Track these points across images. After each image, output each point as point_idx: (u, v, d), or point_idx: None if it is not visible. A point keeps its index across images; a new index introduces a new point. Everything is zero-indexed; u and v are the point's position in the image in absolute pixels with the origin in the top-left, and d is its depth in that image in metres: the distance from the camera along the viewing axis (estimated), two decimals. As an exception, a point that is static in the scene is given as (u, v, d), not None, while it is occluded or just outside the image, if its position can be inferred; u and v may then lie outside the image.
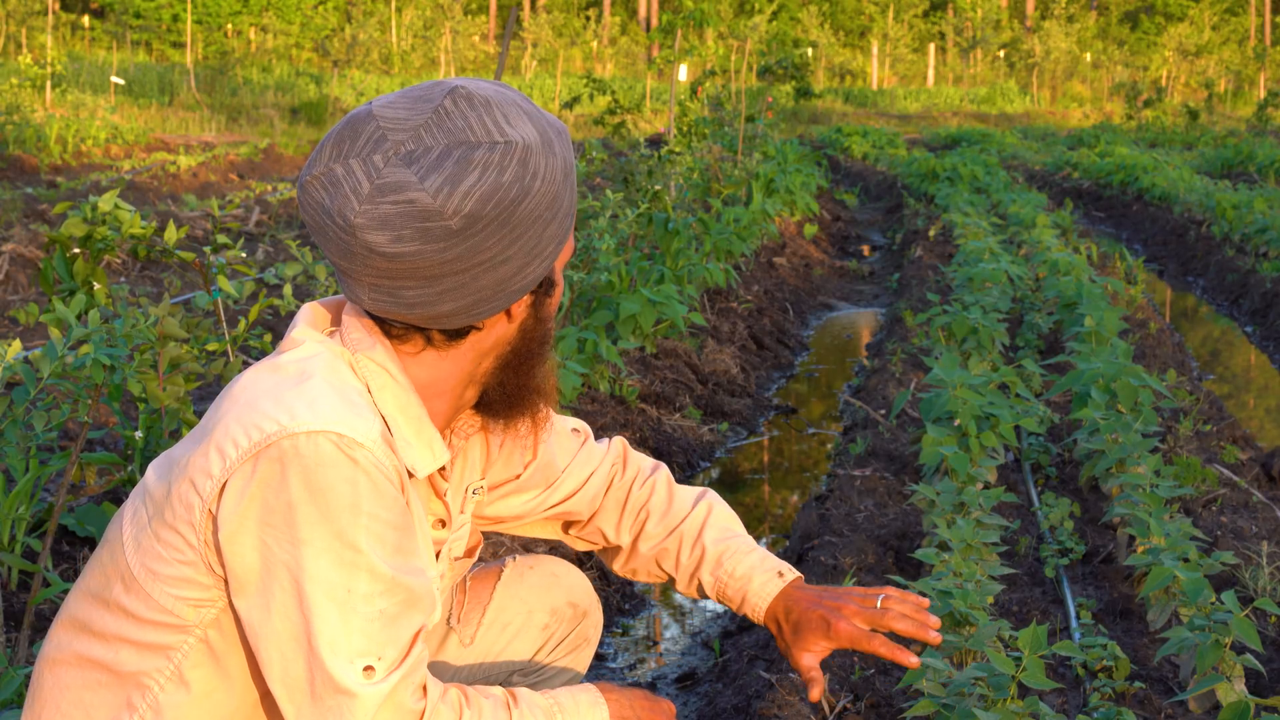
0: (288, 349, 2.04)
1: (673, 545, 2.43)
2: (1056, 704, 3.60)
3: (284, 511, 1.90)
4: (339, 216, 1.92)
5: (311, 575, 1.89)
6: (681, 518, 2.44)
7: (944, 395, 5.46)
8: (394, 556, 1.94)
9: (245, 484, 1.91)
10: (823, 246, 13.11)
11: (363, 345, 2.04)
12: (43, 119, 17.81)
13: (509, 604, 2.48)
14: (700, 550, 2.41)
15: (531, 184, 1.93)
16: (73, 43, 40.08)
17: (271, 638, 1.92)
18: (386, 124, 1.93)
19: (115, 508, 4.36)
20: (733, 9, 45.38)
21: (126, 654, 2.03)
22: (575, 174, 2.05)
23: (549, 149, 1.97)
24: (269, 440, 1.91)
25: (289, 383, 1.96)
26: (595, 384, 6.48)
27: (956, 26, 49.63)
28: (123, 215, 5.20)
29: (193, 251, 6.89)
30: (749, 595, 2.37)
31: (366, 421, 1.94)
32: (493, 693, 2.05)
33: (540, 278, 2.02)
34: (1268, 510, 5.10)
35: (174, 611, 2.00)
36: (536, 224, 1.96)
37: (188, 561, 1.98)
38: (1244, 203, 12.56)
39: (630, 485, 2.46)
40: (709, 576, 2.41)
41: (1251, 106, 34.34)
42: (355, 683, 1.89)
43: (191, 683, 2.02)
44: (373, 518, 1.92)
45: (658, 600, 4.84)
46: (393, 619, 1.93)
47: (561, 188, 1.98)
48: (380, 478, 1.93)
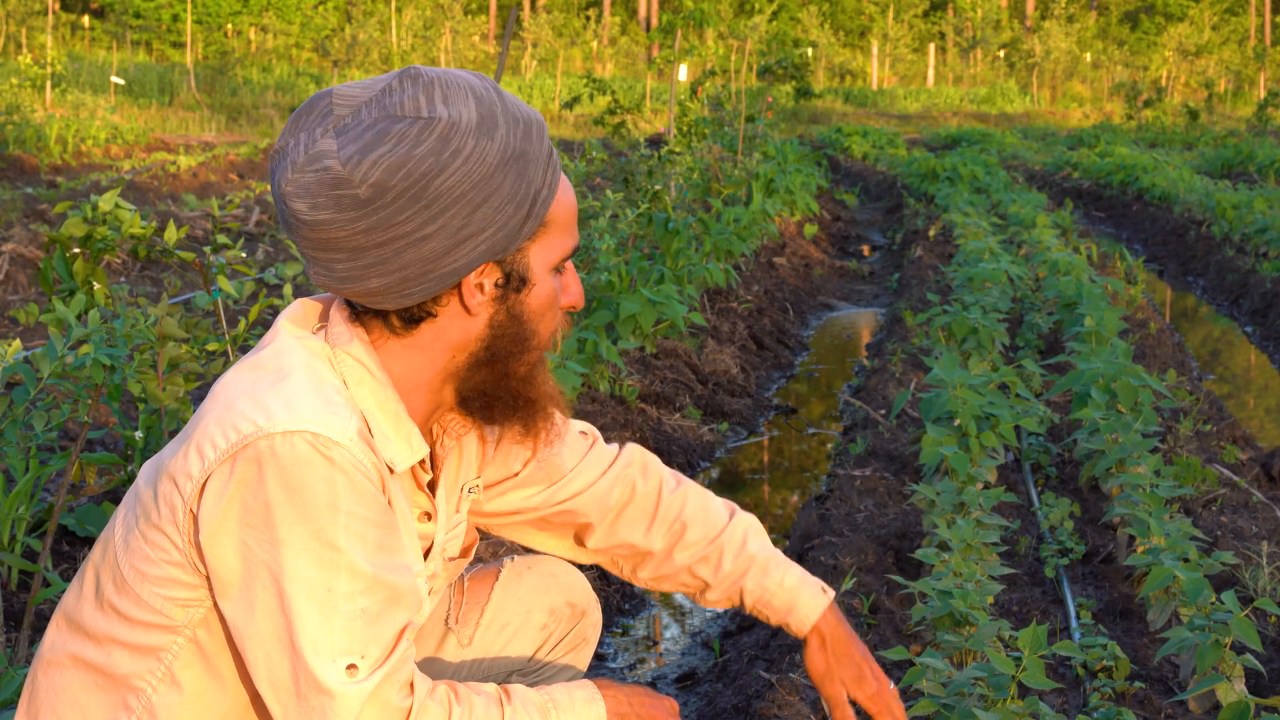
0: (267, 344, 2.04)
1: (714, 554, 2.43)
2: (1056, 704, 3.60)
3: (262, 512, 1.91)
4: (276, 187, 1.98)
5: (291, 575, 1.90)
6: (720, 528, 2.44)
7: (944, 395, 5.46)
8: (375, 554, 1.94)
9: (224, 485, 1.92)
10: (823, 246, 13.11)
11: (341, 340, 2.05)
12: (43, 119, 17.82)
13: (507, 604, 2.48)
14: (747, 560, 2.41)
15: (450, 161, 1.93)
16: (73, 43, 40.08)
17: (255, 638, 1.93)
18: (337, 100, 1.98)
19: (115, 508, 4.35)
20: (733, 9, 45.37)
21: (119, 655, 2.03)
22: (535, 166, 2.00)
23: (486, 132, 1.96)
24: (246, 441, 1.91)
25: (266, 382, 1.97)
26: (595, 384, 6.48)
27: (956, 26, 49.63)
28: (123, 215, 5.20)
29: (193, 251, 6.89)
30: (798, 606, 2.39)
31: (343, 419, 1.95)
32: (485, 689, 2.04)
33: (476, 263, 1.99)
34: (1268, 510, 5.10)
35: (163, 612, 2.00)
36: (460, 204, 1.95)
37: (174, 562, 1.99)
38: (1244, 203, 12.56)
39: (659, 493, 2.44)
40: (753, 584, 2.41)
41: (1251, 106, 34.35)
42: (338, 681, 1.89)
43: (183, 683, 2.02)
44: (351, 515, 1.92)
45: (658, 600, 4.84)
46: (375, 617, 1.92)
47: (497, 172, 1.96)
48: (358, 476, 1.93)
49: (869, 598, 4.16)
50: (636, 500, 2.43)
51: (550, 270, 2.07)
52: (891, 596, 4.22)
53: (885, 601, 4.19)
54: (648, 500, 2.44)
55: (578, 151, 17.74)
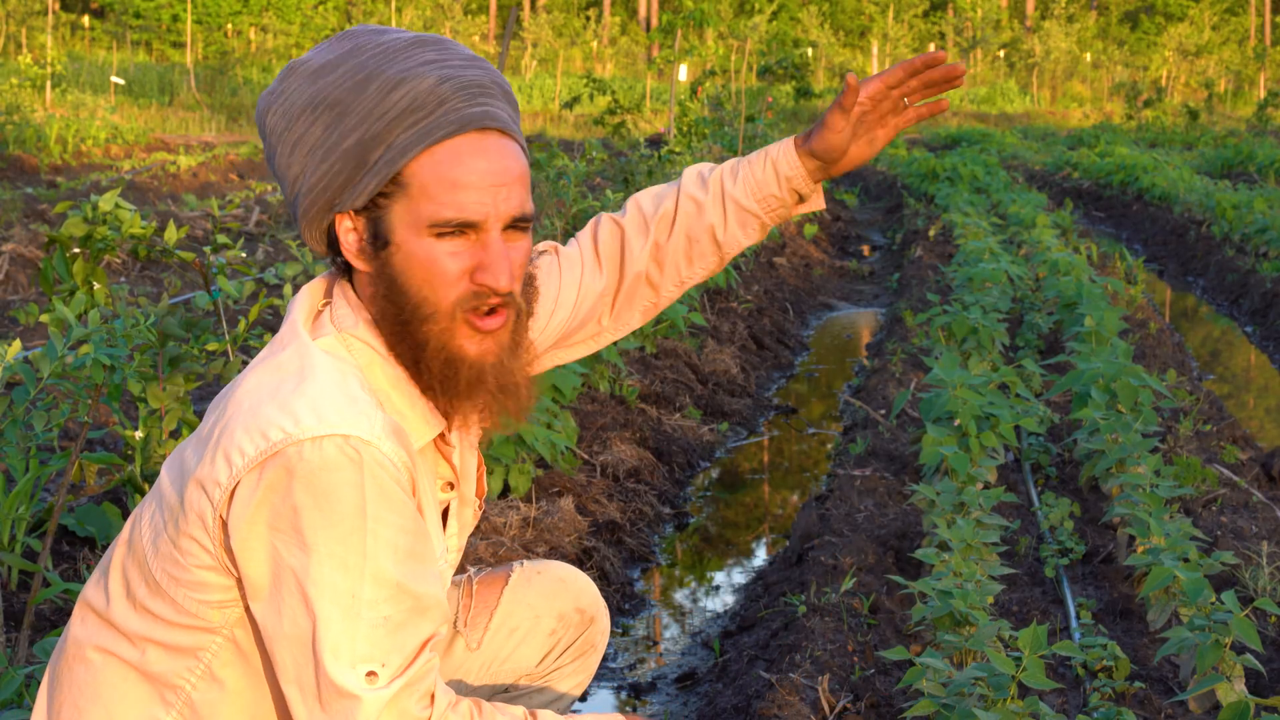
0: (286, 344, 2.04)
1: (690, 207, 2.40)
2: (1056, 704, 3.60)
3: (291, 518, 1.91)
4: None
5: (317, 580, 1.90)
6: (675, 190, 2.42)
7: (944, 395, 5.46)
8: (403, 562, 1.94)
9: (253, 491, 1.92)
10: (823, 246, 13.11)
11: (347, 323, 2.06)
12: (43, 119, 17.81)
13: (516, 609, 2.48)
14: (718, 182, 2.39)
15: (274, 100, 2.05)
16: (73, 43, 40.08)
17: (282, 641, 1.93)
18: None
19: (115, 508, 4.36)
20: (733, 9, 45.36)
21: (154, 654, 2.04)
22: (365, 120, 2.00)
23: (310, 76, 2.03)
24: (275, 448, 1.91)
25: (290, 383, 1.97)
26: (595, 384, 6.48)
27: (956, 26, 49.61)
28: (123, 215, 5.19)
29: (193, 251, 6.89)
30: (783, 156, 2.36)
31: (369, 417, 1.95)
32: (511, 710, 2.03)
33: (322, 206, 2.04)
34: (1268, 510, 5.10)
35: (198, 615, 2.01)
36: (283, 142, 2.04)
37: (206, 566, 1.99)
38: (1244, 203, 12.56)
39: (615, 224, 2.43)
40: (738, 187, 2.38)
41: (1251, 106, 34.34)
42: (357, 687, 1.89)
43: (224, 680, 2.04)
44: (379, 522, 1.92)
45: (658, 600, 4.84)
46: (398, 626, 1.92)
47: (304, 115, 2.02)
48: (387, 480, 1.93)
49: (869, 597, 4.16)
50: (604, 244, 2.42)
51: (422, 234, 2.01)
52: (891, 596, 4.22)
53: (885, 601, 4.19)
54: (612, 239, 2.42)
55: (578, 151, 17.73)
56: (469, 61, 2.05)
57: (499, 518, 4.82)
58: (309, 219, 2.07)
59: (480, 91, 2.03)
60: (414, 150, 1.99)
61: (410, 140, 1.99)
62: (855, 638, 3.93)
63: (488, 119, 2.02)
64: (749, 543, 5.50)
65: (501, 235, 2.04)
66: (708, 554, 5.33)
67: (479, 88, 2.03)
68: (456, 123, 2.00)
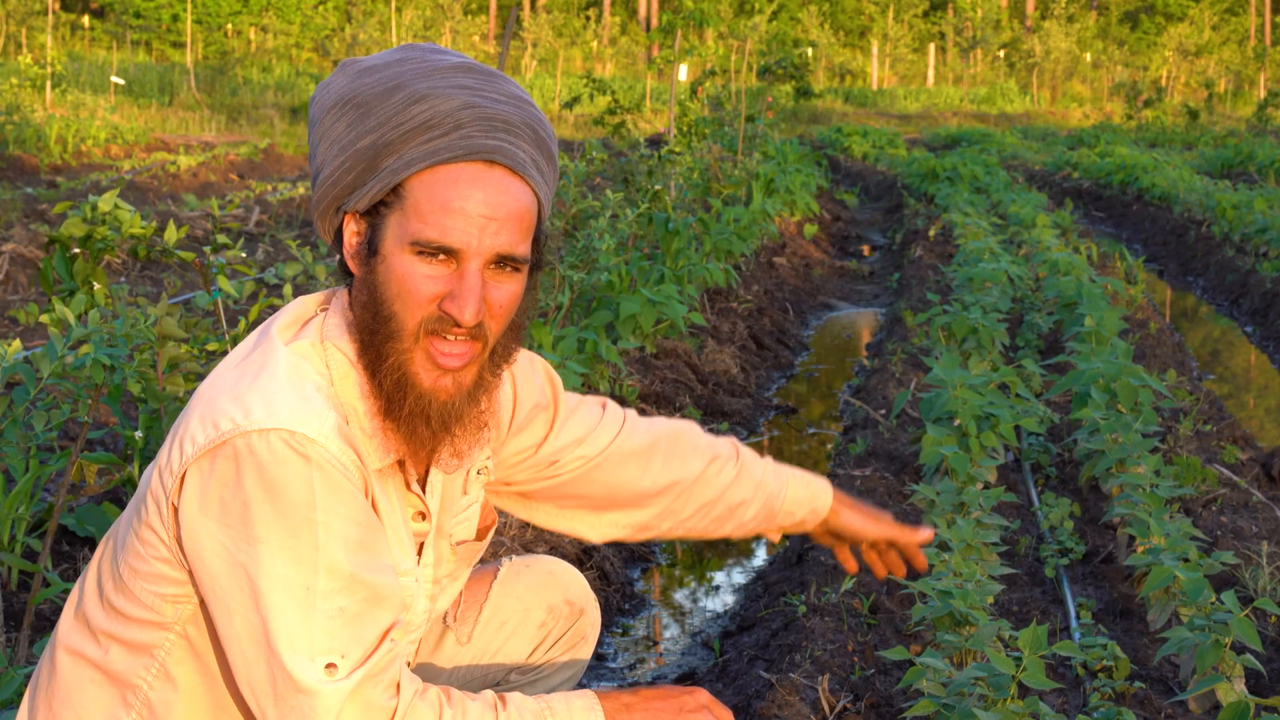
0: (256, 343, 2.06)
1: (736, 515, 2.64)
2: (1056, 704, 3.60)
3: (240, 510, 1.91)
4: None
5: (268, 573, 1.89)
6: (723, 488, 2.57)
7: (944, 395, 5.46)
8: (355, 553, 1.93)
9: (203, 481, 1.93)
10: (823, 246, 13.11)
11: (333, 333, 2.06)
12: (43, 119, 17.81)
13: (505, 602, 2.48)
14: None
15: (321, 90, 2.08)
16: (73, 43, 40.08)
17: (234, 639, 1.92)
18: None
19: (115, 508, 4.36)
20: (733, 9, 45.37)
21: (116, 653, 2.05)
22: (383, 126, 2.01)
23: (355, 74, 2.05)
24: (224, 438, 1.92)
25: (247, 378, 1.98)
26: (595, 384, 6.48)
27: (956, 26, 49.61)
28: (123, 215, 5.20)
29: (193, 251, 6.89)
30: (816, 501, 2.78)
31: (320, 417, 1.95)
32: (480, 695, 2.03)
33: (330, 201, 2.05)
34: (1268, 510, 5.10)
35: (154, 608, 2.02)
36: (316, 127, 2.06)
37: (161, 558, 2.00)
38: (1244, 203, 12.56)
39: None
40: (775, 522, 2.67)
41: (1251, 106, 34.34)
42: (316, 680, 1.88)
43: (178, 679, 2.03)
44: (329, 513, 1.92)
45: (658, 600, 4.84)
46: (355, 616, 1.91)
47: (334, 109, 2.04)
48: (335, 474, 1.93)
49: (869, 597, 4.16)
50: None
51: (405, 249, 2.00)
52: (891, 596, 4.22)
53: (885, 601, 4.19)
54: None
55: (578, 151, 17.73)
56: (508, 99, 2.04)
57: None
58: (320, 211, 2.08)
59: (504, 127, 2.01)
60: (418, 165, 1.99)
61: (418, 155, 1.99)
62: (855, 638, 3.93)
63: (498, 153, 2.00)
64: (749, 542, 5.50)
65: (484, 271, 2.01)
66: (707, 554, 5.33)
67: (504, 123, 2.01)
68: (465, 149, 1.99)
